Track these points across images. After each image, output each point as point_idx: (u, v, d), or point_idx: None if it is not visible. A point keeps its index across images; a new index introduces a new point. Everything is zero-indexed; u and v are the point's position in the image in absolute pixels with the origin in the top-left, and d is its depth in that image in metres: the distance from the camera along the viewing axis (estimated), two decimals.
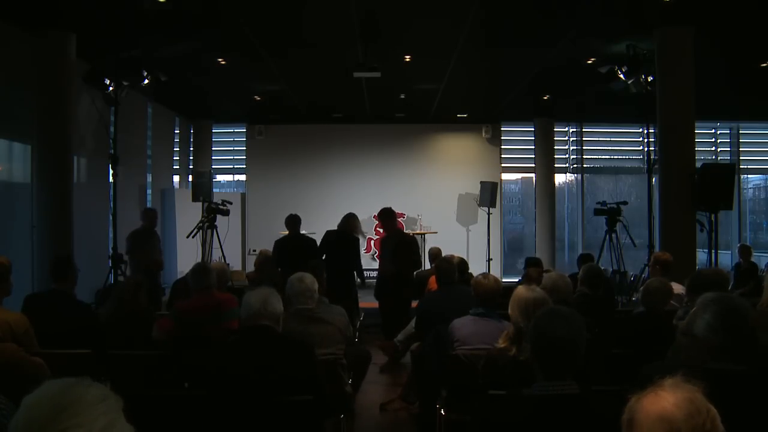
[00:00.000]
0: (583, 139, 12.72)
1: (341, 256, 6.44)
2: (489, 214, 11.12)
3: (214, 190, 10.70)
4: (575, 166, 12.75)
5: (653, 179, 7.52)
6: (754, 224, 13.59)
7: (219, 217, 8.09)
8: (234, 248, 10.98)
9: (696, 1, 6.11)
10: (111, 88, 6.80)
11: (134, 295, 3.82)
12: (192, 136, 12.33)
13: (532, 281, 4.50)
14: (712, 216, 6.72)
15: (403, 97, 10.12)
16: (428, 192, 12.01)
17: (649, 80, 7.02)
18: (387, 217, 6.78)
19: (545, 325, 2.06)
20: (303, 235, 6.95)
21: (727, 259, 11.46)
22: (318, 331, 3.49)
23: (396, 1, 6.20)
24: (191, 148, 12.34)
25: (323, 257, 6.42)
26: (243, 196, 12.34)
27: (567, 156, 12.79)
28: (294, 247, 6.52)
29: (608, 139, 13.04)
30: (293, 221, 6.85)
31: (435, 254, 7.19)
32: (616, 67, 7.12)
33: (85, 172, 7.99)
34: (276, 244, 6.73)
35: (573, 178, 12.88)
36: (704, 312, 2.02)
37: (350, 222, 6.70)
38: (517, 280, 6.83)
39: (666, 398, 1.27)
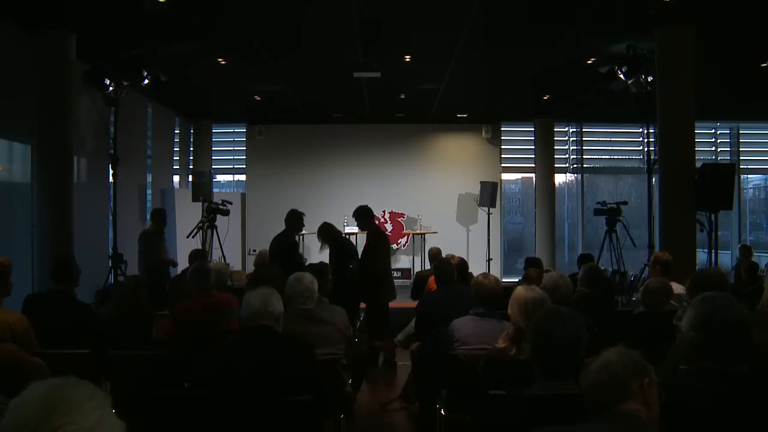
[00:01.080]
0: (583, 139, 12.71)
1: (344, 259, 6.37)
2: (489, 214, 11.13)
3: (214, 190, 10.70)
4: (575, 166, 12.75)
5: (653, 179, 7.52)
6: (754, 224, 13.57)
7: (219, 217, 8.09)
8: (234, 248, 10.97)
9: (696, 1, 6.11)
10: (111, 88, 6.80)
11: (134, 295, 3.82)
12: (192, 136, 12.31)
13: (532, 282, 4.50)
14: (712, 216, 6.72)
15: (403, 97, 10.12)
16: (428, 192, 12.00)
17: (649, 80, 7.02)
18: (359, 215, 6.42)
19: (545, 325, 2.07)
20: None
21: (727, 259, 11.44)
22: (318, 331, 3.48)
23: (396, 1, 6.20)
24: (191, 148, 12.33)
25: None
26: (243, 196, 12.33)
27: (567, 156, 12.79)
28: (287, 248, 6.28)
29: (608, 139, 13.03)
30: (289, 219, 6.51)
31: (435, 254, 7.17)
32: (616, 67, 7.12)
33: (85, 172, 7.98)
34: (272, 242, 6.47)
35: (573, 178, 12.87)
36: (691, 311, 2.06)
37: (329, 230, 6.49)
38: (517, 280, 6.82)
39: (608, 353, 1.69)
